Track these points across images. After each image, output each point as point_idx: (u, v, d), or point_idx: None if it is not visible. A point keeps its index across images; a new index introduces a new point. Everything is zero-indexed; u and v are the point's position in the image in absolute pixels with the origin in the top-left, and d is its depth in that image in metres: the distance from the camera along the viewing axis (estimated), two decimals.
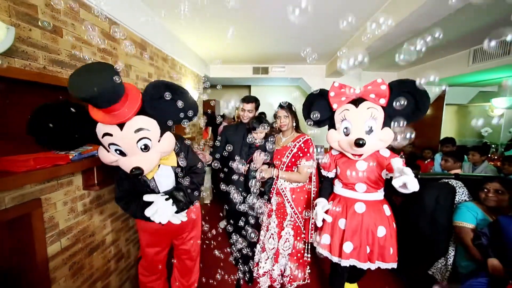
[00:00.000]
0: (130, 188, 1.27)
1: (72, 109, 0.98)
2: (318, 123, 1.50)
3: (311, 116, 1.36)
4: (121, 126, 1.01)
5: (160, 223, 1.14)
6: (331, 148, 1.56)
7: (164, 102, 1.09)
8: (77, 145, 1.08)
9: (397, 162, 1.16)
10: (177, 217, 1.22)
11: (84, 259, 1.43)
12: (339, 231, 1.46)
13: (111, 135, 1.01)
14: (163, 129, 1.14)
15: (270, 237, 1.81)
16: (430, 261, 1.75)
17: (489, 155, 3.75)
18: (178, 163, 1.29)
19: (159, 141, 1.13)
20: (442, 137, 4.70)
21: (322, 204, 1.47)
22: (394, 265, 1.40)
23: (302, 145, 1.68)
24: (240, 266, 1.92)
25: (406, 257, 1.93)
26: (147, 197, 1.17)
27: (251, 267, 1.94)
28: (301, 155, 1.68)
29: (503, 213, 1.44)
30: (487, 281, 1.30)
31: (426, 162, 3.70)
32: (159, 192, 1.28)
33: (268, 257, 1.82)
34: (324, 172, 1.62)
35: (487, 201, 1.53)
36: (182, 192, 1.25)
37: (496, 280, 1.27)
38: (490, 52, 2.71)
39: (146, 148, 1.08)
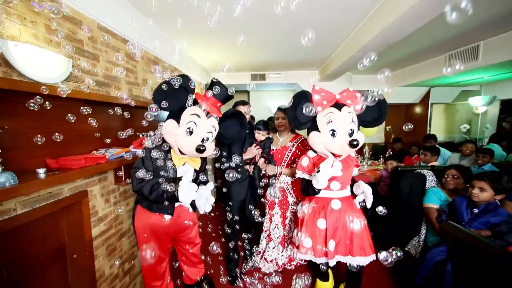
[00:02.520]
0: (153, 171, 1.39)
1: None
2: (299, 125, 1.54)
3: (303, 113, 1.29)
4: (208, 116, 1.38)
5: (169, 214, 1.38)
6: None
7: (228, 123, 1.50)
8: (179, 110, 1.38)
9: (365, 187, 1.44)
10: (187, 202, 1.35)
11: (116, 242, 1.73)
12: (319, 231, 1.49)
13: (199, 116, 1.35)
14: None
15: (275, 227, 2.07)
16: (407, 240, 2.05)
17: None
18: (200, 167, 1.52)
19: (211, 143, 1.43)
20: (430, 133, 5.03)
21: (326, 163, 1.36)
22: (373, 257, 1.45)
23: (300, 145, 1.96)
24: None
25: (387, 238, 2.24)
26: (181, 171, 1.41)
27: (254, 254, 2.21)
28: (299, 153, 1.94)
29: (460, 194, 1.75)
30: (446, 249, 1.60)
31: (413, 157, 4.02)
32: None
33: (274, 246, 2.07)
34: (306, 176, 1.58)
35: (446, 185, 1.84)
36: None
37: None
38: (462, 57, 3.04)
39: (207, 139, 1.40)
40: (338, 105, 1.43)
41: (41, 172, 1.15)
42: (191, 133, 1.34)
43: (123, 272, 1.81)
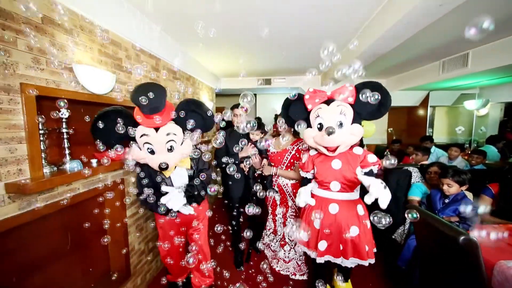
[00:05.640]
0: (149, 186, 1.51)
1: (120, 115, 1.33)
2: (293, 124, 1.53)
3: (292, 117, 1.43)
4: (156, 129, 1.37)
5: (171, 213, 1.46)
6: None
7: (190, 115, 1.43)
8: (117, 142, 1.36)
9: (367, 180, 1.19)
10: (186, 209, 1.50)
11: (143, 223, 2.08)
12: (314, 230, 1.54)
13: (147, 135, 1.36)
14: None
15: (278, 226, 2.24)
16: (393, 229, 2.31)
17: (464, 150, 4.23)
18: (191, 166, 1.64)
19: (181, 145, 1.47)
20: (434, 134, 5.21)
21: (307, 187, 1.54)
22: (371, 261, 1.45)
23: (300, 148, 1.99)
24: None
25: (376, 227, 2.50)
26: (164, 188, 1.49)
27: (259, 244, 2.46)
28: (298, 156, 1.97)
29: (438, 188, 2.00)
30: None
31: (410, 157, 4.23)
32: None
33: (276, 240, 2.28)
34: (302, 173, 1.67)
35: (430, 180, 2.09)
36: (192, 189, 1.58)
37: None
38: (454, 64, 3.26)
39: (171, 149, 1.42)
40: (331, 100, 1.49)
41: (94, 162, 1.50)
42: (152, 152, 1.40)
43: (148, 249, 2.15)
